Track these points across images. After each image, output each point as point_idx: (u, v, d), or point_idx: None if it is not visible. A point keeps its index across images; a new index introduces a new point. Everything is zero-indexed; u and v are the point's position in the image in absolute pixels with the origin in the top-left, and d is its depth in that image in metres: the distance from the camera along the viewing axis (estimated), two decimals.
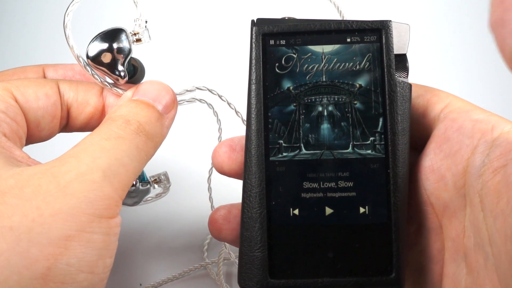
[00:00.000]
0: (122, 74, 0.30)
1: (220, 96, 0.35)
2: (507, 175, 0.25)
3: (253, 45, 0.31)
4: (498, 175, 0.25)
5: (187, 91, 0.33)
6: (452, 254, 0.29)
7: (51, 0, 0.64)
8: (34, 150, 0.32)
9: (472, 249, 0.27)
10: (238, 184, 0.35)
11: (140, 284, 0.45)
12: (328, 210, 0.30)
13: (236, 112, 0.36)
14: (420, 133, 0.31)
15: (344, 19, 0.35)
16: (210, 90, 0.34)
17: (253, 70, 0.31)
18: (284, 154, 0.30)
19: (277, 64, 0.31)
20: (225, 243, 0.42)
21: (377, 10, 0.63)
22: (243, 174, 0.30)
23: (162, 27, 0.61)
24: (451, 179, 0.28)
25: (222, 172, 0.33)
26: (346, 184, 0.30)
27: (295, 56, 0.31)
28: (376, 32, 0.31)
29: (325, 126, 0.30)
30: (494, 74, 0.57)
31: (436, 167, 0.29)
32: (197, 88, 0.34)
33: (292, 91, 0.31)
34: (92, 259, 0.24)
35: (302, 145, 0.30)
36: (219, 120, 0.36)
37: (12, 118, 0.28)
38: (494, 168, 0.26)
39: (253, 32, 0.31)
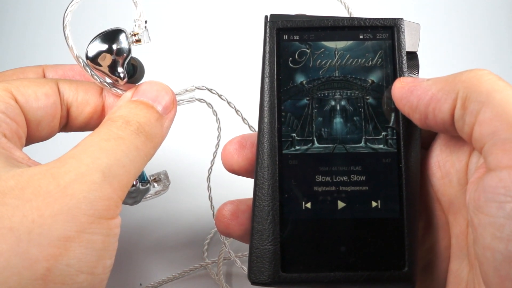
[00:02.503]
0: (122, 75, 0.30)
1: (219, 96, 0.35)
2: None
3: (267, 39, 0.31)
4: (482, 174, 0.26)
5: (187, 91, 0.33)
6: (456, 251, 0.29)
7: (50, 1, 0.63)
8: (34, 150, 0.32)
9: (472, 246, 0.27)
10: (237, 183, 0.35)
11: (140, 284, 0.45)
12: (341, 204, 0.30)
13: (236, 111, 0.36)
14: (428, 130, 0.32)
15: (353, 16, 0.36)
16: (209, 90, 0.34)
17: (267, 64, 0.31)
18: (297, 147, 0.30)
19: (290, 59, 0.31)
20: (225, 242, 0.42)
21: (383, 9, 0.63)
22: (255, 167, 0.30)
23: (161, 27, 0.61)
24: (455, 176, 0.29)
25: (231, 169, 0.33)
26: (358, 178, 0.30)
27: (308, 51, 0.31)
28: (388, 30, 0.31)
29: (337, 120, 0.31)
30: (503, 72, 0.57)
31: (442, 163, 0.29)
32: (197, 88, 0.34)
33: (305, 85, 0.31)
34: (92, 260, 0.24)
35: (315, 138, 0.30)
36: (218, 119, 0.36)
37: (12, 119, 0.28)
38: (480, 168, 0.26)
39: (267, 27, 0.31)
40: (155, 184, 0.37)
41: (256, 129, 0.31)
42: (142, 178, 0.35)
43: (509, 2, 0.64)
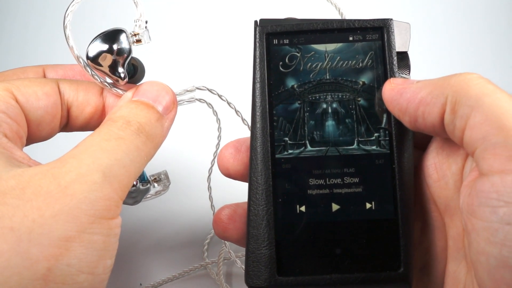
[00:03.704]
0: (122, 75, 0.30)
1: (220, 96, 0.35)
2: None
3: (257, 45, 0.31)
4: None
5: (187, 91, 0.33)
6: (453, 253, 0.29)
7: (51, 1, 0.63)
8: (34, 150, 0.32)
9: (468, 248, 0.27)
10: (237, 183, 0.35)
11: (140, 284, 0.45)
12: (335, 206, 0.30)
13: (236, 111, 0.36)
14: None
15: (344, 18, 0.36)
16: (210, 90, 0.34)
17: (257, 69, 0.31)
18: (290, 151, 0.30)
19: (281, 63, 0.31)
20: (226, 242, 0.42)
21: (376, 10, 0.63)
22: (249, 172, 0.30)
23: (162, 27, 0.61)
24: (451, 178, 0.29)
25: (228, 174, 0.33)
26: (352, 180, 0.30)
27: (298, 55, 0.31)
28: (377, 31, 0.31)
29: (330, 123, 0.31)
30: (494, 72, 0.57)
31: (438, 166, 0.29)
32: (197, 88, 0.34)
33: (297, 89, 0.31)
34: (92, 260, 0.24)
35: (307, 142, 0.31)
36: (219, 119, 0.36)
37: (13, 119, 0.28)
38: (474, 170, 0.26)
39: (257, 32, 0.31)
40: (156, 184, 0.37)
41: None
42: (142, 178, 0.35)
43: (504, 1, 0.64)
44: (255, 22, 0.32)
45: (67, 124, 0.32)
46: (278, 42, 0.31)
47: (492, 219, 0.23)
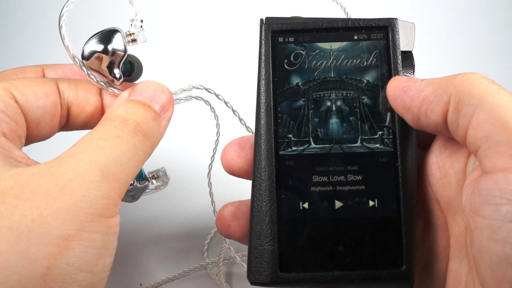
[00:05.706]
0: (117, 75, 0.30)
1: (217, 95, 0.35)
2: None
3: (263, 42, 0.31)
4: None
5: (184, 90, 0.34)
6: (455, 251, 0.29)
7: (50, 1, 0.63)
8: (34, 149, 0.32)
9: (470, 246, 0.27)
10: (238, 181, 0.35)
11: (140, 284, 0.45)
12: (338, 204, 0.30)
13: (233, 111, 0.36)
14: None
15: (350, 17, 0.36)
16: (207, 89, 0.34)
17: (263, 66, 0.31)
18: (294, 148, 0.31)
19: (286, 61, 0.31)
20: (226, 242, 0.42)
21: (381, 9, 0.63)
22: (253, 168, 0.31)
23: (158, 26, 0.61)
24: (454, 177, 0.29)
25: (231, 171, 0.33)
26: (355, 177, 0.30)
27: (303, 52, 0.31)
28: (382, 30, 0.31)
29: (333, 121, 0.31)
30: (497, 72, 0.57)
31: (441, 164, 0.29)
32: (194, 87, 0.34)
33: (301, 86, 0.31)
34: (91, 259, 0.24)
35: (311, 139, 0.31)
36: (217, 115, 0.36)
37: (12, 118, 0.28)
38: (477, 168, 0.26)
39: (263, 30, 0.32)
40: (154, 181, 0.37)
41: (253, 129, 0.31)
42: (140, 176, 0.35)
43: (506, 1, 0.64)
44: (261, 20, 0.32)
45: (67, 123, 0.32)
46: (284, 40, 0.32)
47: (494, 217, 0.23)
